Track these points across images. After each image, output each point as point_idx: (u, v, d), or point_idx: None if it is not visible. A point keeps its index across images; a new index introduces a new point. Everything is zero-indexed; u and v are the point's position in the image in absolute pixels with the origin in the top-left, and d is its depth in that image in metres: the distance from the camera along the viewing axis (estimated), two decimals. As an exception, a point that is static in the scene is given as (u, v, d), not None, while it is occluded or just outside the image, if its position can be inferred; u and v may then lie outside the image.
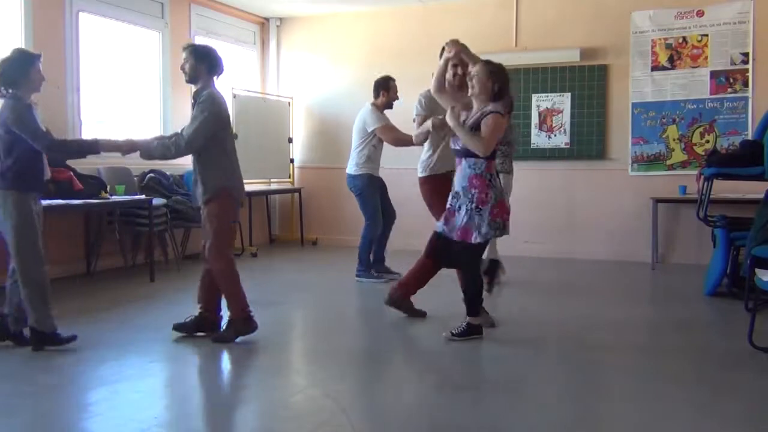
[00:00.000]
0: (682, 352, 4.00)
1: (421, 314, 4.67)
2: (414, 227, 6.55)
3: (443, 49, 4.34)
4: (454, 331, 4.13)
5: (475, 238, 3.97)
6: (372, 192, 6.17)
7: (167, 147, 3.97)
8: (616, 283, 6.39)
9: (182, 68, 4.07)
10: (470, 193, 3.98)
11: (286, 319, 5.07)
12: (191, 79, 4.05)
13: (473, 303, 4.15)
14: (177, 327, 4.15)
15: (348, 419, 2.96)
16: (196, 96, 4.04)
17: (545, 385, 3.47)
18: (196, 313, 4.18)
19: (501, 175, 5.80)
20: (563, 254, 7.56)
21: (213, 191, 4.00)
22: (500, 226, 3.99)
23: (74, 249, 6.39)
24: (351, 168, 6.23)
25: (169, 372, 3.69)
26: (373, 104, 6.17)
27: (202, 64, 4.01)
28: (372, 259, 6.25)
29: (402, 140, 5.90)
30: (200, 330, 4.15)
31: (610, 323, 4.69)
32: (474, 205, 3.96)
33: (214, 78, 4.08)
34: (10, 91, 3.75)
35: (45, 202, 5.33)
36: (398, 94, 6.25)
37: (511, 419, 2.98)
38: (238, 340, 4.04)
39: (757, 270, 3.93)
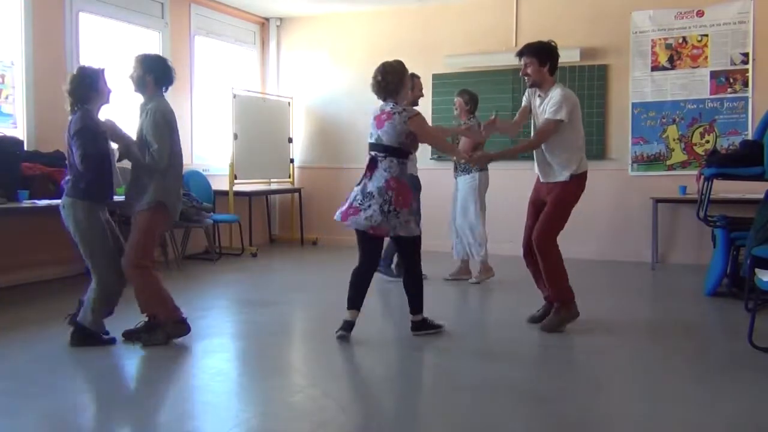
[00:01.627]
0: (682, 352, 4.00)
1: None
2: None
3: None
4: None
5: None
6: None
7: (140, 158, 3.93)
8: (616, 283, 6.39)
9: (130, 77, 4.01)
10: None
11: (286, 318, 5.07)
12: (138, 89, 4.01)
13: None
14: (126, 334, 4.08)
15: (348, 419, 2.96)
16: (143, 107, 4.01)
17: (545, 384, 3.47)
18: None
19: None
20: (563, 254, 7.54)
21: (150, 203, 3.93)
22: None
23: (74, 249, 6.37)
24: None
25: (169, 372, 3.69)
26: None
27: (150, 74, 3.97)
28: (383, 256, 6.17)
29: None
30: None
31: (610, 323, 4.69)
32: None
33: (163, 89, 4.06)
34: (85, 106, 3.88)
35: (44, 202, 5.37)
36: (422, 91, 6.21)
37: (511, 419, 2.98)
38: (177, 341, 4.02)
39: (757, 270, 3.93)
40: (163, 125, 3.91)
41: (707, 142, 7.19)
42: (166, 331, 3.99)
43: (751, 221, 4.35)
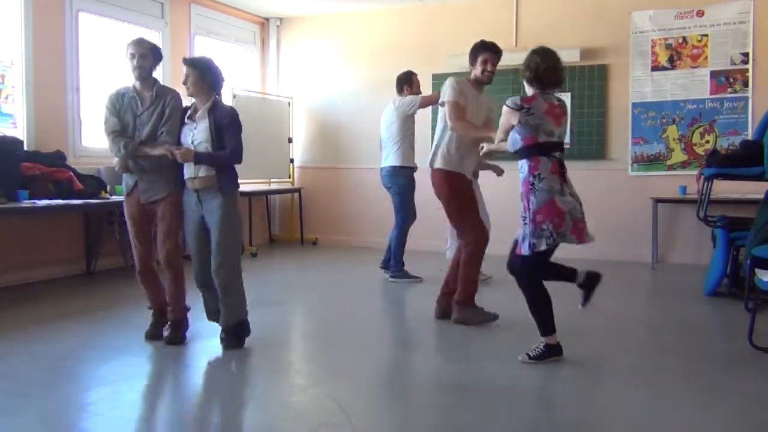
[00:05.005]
0: (682, 352, 4.00)
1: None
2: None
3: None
4: (530, 353, 3.69)
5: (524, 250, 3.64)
6: (412, 188, 6.04)
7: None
8: (616, 283, 6.38)
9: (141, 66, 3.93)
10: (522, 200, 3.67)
11: (286, 318, 5.06)
12: (149, 75, 3.97)
13: (539, 321, 3.72)
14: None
15: (348, 419, 2.96)
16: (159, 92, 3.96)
17: (545, 384, 3.47)
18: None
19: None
20: (563, 254, 7.53)
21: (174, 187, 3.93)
22: (548, 234, 3.59)
23: (74, 249, 6.40)
24: (394, 160, 5.98)
25: (169, 372, 3.69)
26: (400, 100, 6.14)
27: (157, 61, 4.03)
28: (389, 256, 6.13)
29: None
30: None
31: (610, 323, 4.69)
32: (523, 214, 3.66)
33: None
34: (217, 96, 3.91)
35: (44, 202, 5.37)
36: (391, 89, 6.23)
37: (510, 419, 2.98)
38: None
39: (757, 270, 3.93)
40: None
41: (707, 142, 7.19)
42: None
43: (751, 221, 4.35)
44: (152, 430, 2.91)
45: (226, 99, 7.90)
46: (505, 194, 6.92)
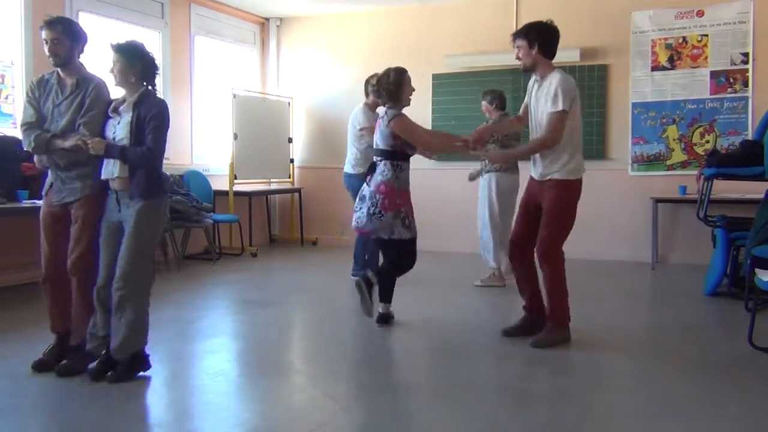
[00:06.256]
0: (682, 352, 4.00)
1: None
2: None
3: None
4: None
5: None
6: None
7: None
8: (616, 283, 6.39)
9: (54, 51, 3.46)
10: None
11: (286, 318, 5.06)
12: (68, 61, 3.50)
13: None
14: None
15: (348, 419, 2.96)
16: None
17: (545, 384, 3.47)
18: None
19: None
20: (565, 254, 7.54)
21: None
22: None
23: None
24: (347, 167, 6.19)
25: (169, 372, 3.69)
26: (365, 104, 6.19)
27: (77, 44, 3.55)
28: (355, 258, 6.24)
29: None
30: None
31: (610, 323, 4.69)
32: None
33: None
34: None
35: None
36: None
37: (510, 419, 2.98)
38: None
39: (757, 270, 3.93)
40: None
41: (707, 142, 7.19)
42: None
43: (751, 221, 4.35)
44: (152, 430, 2.91)
45: (226, 99, 8.00)
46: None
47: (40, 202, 5.24)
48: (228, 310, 5.32)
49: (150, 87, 3.43)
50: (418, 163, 6.15)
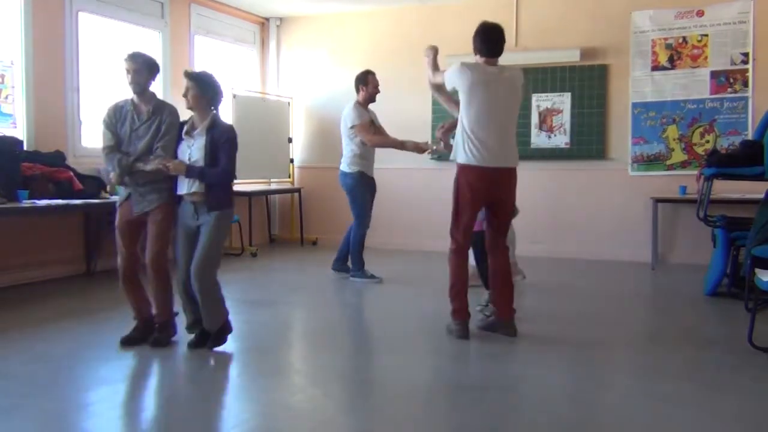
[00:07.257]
0: (682, 352, 4.00)
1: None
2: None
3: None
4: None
5: None
6: (362, 191, 6.14)
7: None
8: (616, 283, 6.39)
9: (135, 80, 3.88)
10: None
11: (286, 318, 5.06)
12: (145, 89, 3.91)
13: None
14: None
15: (348, 419, 2.96)
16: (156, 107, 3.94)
17: (545, 384, 3.47)
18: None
19: None
20: (563, 254, 7.55)
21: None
22: None
23: (74, 249, 6.40)
24: (343, 165, 6.19)
25: (169, 372, 3.69)
26: (356, 101, 6.20)
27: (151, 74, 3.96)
28: (337, 256, 6.32)
29: (376, 141, 6.08)
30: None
31: (610, 323, 4.69)
32: None
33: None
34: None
35: (44, 202, 5.37)
36: (380, 87, 6.24)
37: (511, 419, 2.98)
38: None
39: (757, 270, 3.93)
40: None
41: (707, 142, 7.19)
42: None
43: (751, 221, 4.35)
44: (151, 431, 2.91)
45: (226, 99, 7.95)
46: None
47: (39, 203, 5.30)
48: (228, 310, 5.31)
49: (215, 111, 3.94)
50: (418, 162, 6.18)
